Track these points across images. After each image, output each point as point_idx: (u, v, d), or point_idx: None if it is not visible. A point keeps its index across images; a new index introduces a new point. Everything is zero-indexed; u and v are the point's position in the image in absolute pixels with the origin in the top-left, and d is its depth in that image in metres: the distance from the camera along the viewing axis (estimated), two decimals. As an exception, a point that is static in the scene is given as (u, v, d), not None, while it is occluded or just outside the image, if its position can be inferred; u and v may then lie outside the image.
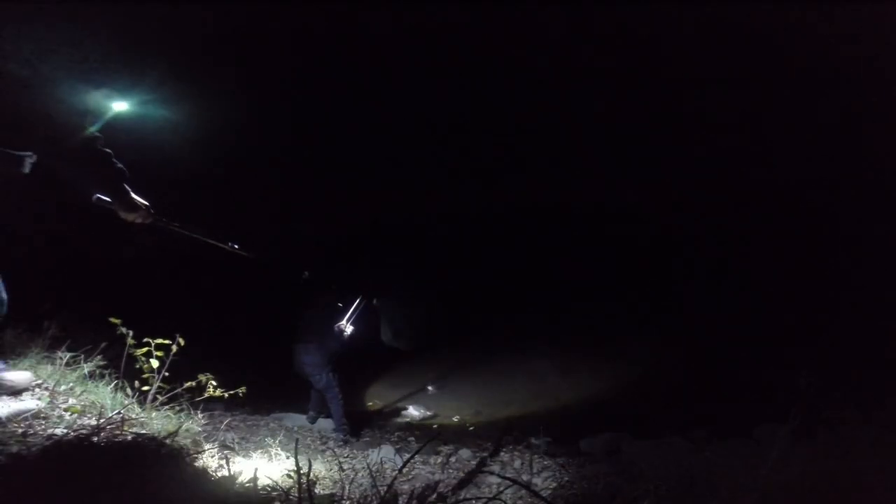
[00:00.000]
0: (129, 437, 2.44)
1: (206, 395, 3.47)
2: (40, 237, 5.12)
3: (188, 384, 3.41)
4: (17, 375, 2.76)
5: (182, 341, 3.22)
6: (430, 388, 7.58)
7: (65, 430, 2.34)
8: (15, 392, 2.67)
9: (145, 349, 3.17)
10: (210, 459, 2.80)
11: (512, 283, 10.49)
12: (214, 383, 3.52)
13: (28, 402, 2.59)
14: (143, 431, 2.62)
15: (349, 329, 5.84)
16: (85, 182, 2.28)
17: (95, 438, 2.28)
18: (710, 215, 10.04)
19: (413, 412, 6.53)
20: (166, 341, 3.20)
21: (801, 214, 8.78)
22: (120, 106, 2.46)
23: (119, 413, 2.66)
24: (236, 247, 3.15)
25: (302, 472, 2.03)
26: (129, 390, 3.16)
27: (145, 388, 3.20)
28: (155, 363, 3.18)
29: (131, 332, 3.12)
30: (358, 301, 6.04)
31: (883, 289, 6.52)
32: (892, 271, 6.63)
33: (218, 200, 7.26)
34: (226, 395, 3.59)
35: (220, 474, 2.37)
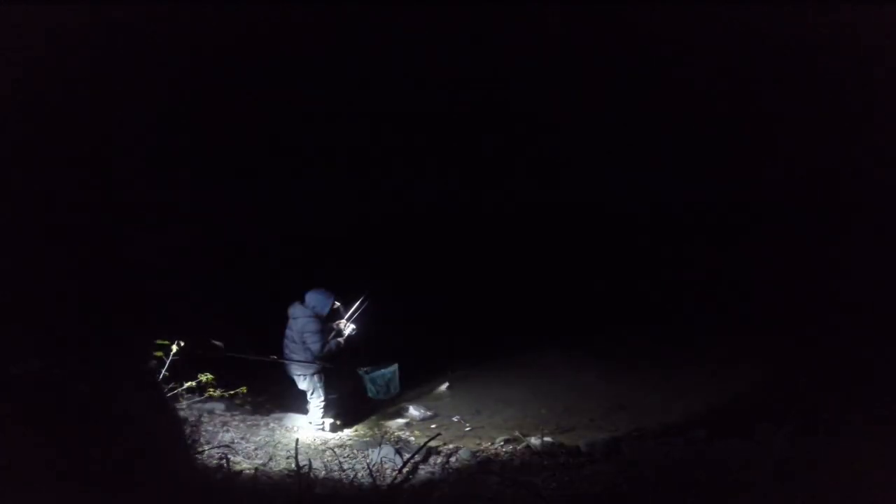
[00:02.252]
0: (129, 438, 2.43)
1: (207, 395, 3.48)
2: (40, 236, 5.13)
3: (188, 384, 3.42)
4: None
5: (182, 342, 3.23)
6: (430, 388, 7.58)
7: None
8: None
9: (145, 349, 3.19)
10: (210, 459, 2.80)
11: (519, 285, 10.48)
12: (214, 383, 3.53)
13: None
14: (143, 431, 2.61)
15: (349, 329, 5.38)
16: None
17: (94, 439, 2.28)
18: (708, 214, 10.06)
19: (413, 412, 6.52)
20: (166, 341, 3.20)
21: (800, 213, 8.79)
22: None
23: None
24: (275, 357, 4.66)
25: (302, 471, 2.03)
26: (129, 390, 3.16)
27: (145, 388, 3.20)
28: (154, 363, 3.19)
29: (131, 333, 3.13)
30: (362, 298, 5.54)
31: (883, 287, 6.51)
32: (893, 270, 6.63)
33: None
34: (226, 395, 3.60)
35: (220, 474, 2.36)
